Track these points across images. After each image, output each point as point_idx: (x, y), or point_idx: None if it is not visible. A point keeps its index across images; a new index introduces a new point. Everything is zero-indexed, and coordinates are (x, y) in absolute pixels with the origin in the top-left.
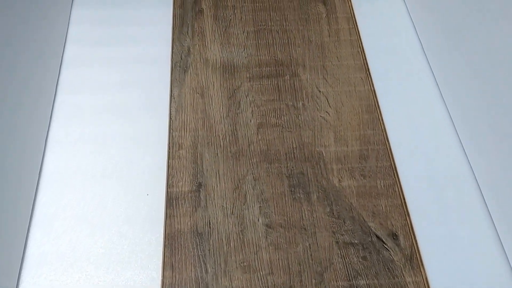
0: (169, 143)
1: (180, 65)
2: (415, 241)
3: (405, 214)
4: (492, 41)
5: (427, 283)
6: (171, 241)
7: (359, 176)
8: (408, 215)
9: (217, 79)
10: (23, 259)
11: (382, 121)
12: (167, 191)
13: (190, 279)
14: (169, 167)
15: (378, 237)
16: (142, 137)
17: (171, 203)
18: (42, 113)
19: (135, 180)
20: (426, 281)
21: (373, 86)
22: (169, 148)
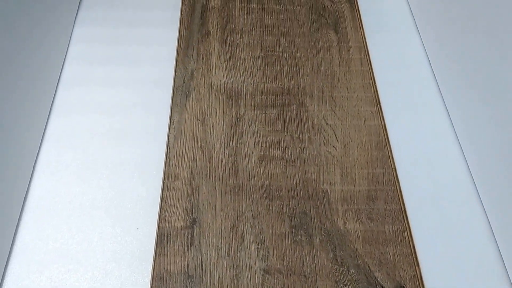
0: (165, 173)
1: (182, 89)
2: None
3: (415, 264)
4: (509, 78)
5: None
6: (159, 283)
7: (366, 219)
8: (417, 266)
9: (220, 106)
10: None
11: (392, 159)
12: (159, 226)
13: None
14: (163, 199)
15: None
16: (137, 165)
17: (162, 240)
18: (33, 136)
19: (125, 211)
20: None
21: (383, 120)
22: (164, 178)
